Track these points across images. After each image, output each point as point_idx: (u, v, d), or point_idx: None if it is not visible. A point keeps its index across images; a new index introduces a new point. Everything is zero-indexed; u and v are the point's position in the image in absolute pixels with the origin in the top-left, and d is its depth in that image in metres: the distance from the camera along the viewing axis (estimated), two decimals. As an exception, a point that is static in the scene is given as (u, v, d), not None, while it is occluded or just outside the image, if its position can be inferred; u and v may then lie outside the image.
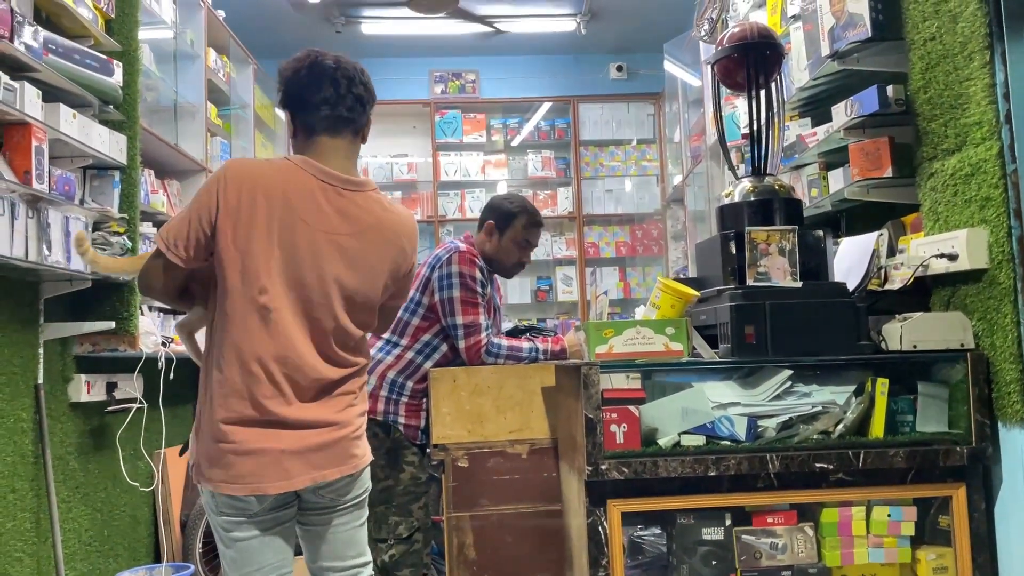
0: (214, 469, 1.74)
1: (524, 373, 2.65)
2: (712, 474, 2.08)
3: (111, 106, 3.03)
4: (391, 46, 6.02)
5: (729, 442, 2.13)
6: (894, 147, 2.48)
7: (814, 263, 2.30)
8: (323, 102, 1.81)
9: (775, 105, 2.47)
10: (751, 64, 2.42)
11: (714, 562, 2.12)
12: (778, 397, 2.19)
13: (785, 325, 2.13)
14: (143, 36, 3.37)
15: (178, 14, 4.01)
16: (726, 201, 2.47)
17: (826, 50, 2.60)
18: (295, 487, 1.77)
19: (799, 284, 2.20)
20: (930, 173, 2.34)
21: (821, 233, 2.34)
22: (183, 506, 3.63)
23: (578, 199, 6.21)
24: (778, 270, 2.21)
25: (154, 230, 3.57)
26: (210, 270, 1.80)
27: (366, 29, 5.73)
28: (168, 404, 3.25)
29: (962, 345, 2.16)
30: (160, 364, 3.16)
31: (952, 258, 2.18)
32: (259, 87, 5.21)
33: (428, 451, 2.70)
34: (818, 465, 2.09)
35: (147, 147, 3.48)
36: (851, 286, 2.42)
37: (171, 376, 3.17)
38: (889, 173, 2.48)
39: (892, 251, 2.49)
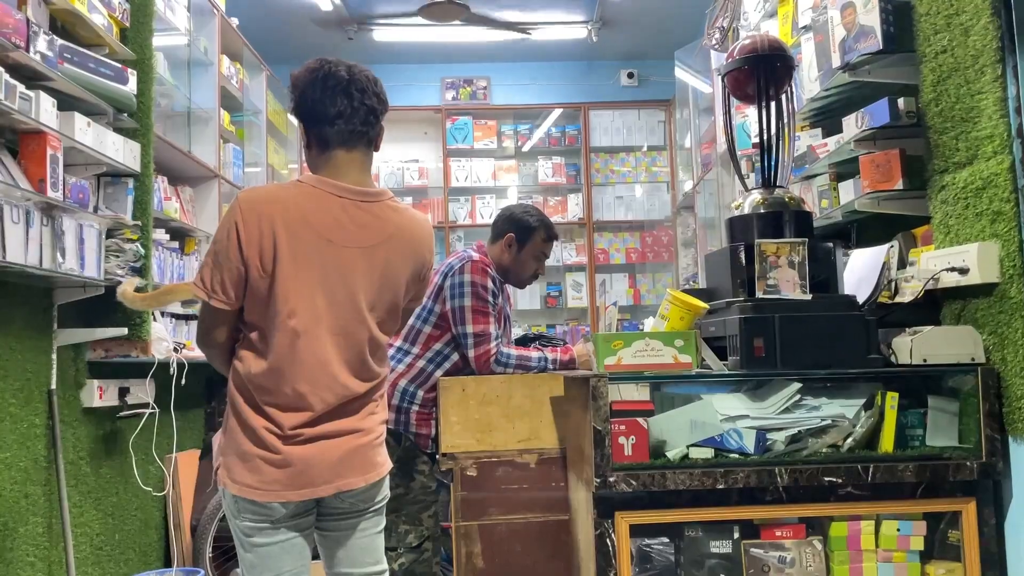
0: (242, 474, 1.76)
1: (533, 382, 2.66)
2: (720, 487, 2.08)
3: (125, 114, 3.05)
4: (403, 53, 6.05)
5: (738, 455, 2.13)
6: (905, 159, 2.48)
7: (824, 275, 2.29)
8: (337, 116, 1.80)
9: (786, 116, 2.47)
10: (761, 76, 2.42)
11: (722, 575, 2.12)
12: (787, 410, 2.19)
13: (794, 338, 2.13)
14: (157, 43, 3.38)
15: (192, 21, 4.03)
16: (736, 213, 2.47)
17: (837, 61, 2.60)
18: (320, 495, 1.79)
19: (809, 297, 2.20)
20: (941, 186, 2.33)
21: (831, 245, 2.34)
22: (194, 511, 3.65)
23: (588, 205, 6.21)
24: (788, 282, 2.21)
25: (167, 237, 3.59)
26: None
27: (378, 36, 5.76)
28: (180, 409, 3.27)
29: (972, 359, 2.15)
30: (172, 369, 3.17)
31: (963, 272, 2.17)
32: (272, 94, 5.23)
33: (437, 459, 2.71)
34: (827, 479, 2.09)
35: (160, 154, 3.50)
36: (861, 299, 2.41)
37: (183, 381, 3.18)
38: (900, 185, 2.48)
39: (903, 263, 2.49)
